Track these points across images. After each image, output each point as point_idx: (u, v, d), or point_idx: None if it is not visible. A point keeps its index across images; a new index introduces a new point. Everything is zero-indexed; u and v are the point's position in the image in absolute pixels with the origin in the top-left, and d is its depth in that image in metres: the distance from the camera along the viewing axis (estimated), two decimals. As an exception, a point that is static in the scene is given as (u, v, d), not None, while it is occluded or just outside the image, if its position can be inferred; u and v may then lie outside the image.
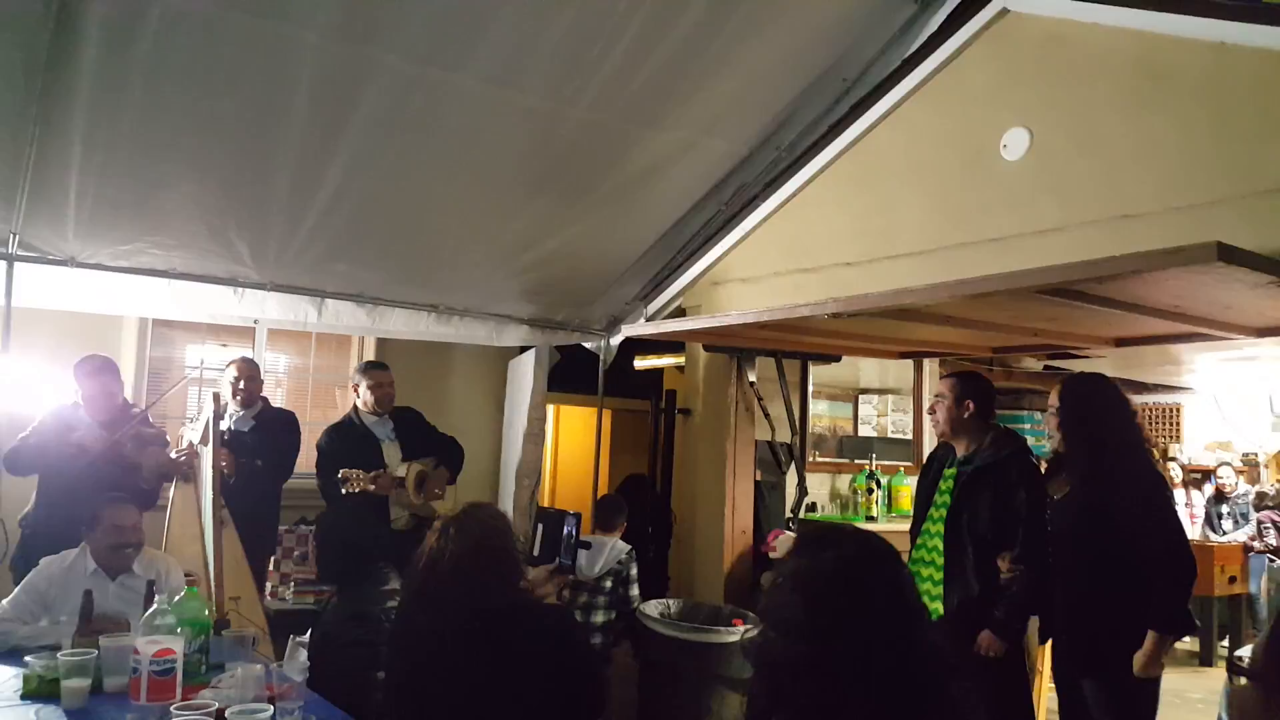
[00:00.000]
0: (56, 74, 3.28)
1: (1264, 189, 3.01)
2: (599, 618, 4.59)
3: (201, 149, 3.81)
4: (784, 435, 5.81)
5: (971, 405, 3.61)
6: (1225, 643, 6.95)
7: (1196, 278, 2.85)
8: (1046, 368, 6.93)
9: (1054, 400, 3.32)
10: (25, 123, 3.45)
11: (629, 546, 4.71)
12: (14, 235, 4.02)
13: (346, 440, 4.61)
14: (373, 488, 4.32)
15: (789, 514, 5.75)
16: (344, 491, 4.25)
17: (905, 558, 4.10)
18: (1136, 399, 3.58)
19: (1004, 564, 3.34)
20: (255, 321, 5.11)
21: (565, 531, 3.05)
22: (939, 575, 3.65)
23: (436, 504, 4.59)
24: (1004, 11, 3.75)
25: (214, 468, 3.98)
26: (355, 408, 4.75)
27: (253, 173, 3.98)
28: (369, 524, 4.19)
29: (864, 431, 6.47)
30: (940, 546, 3.65)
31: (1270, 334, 3.85)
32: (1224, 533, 7.84)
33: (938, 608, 3.47)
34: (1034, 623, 3.60)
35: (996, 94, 3.83)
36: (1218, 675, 5.03)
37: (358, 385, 4.73)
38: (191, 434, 4.30)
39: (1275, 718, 1.23)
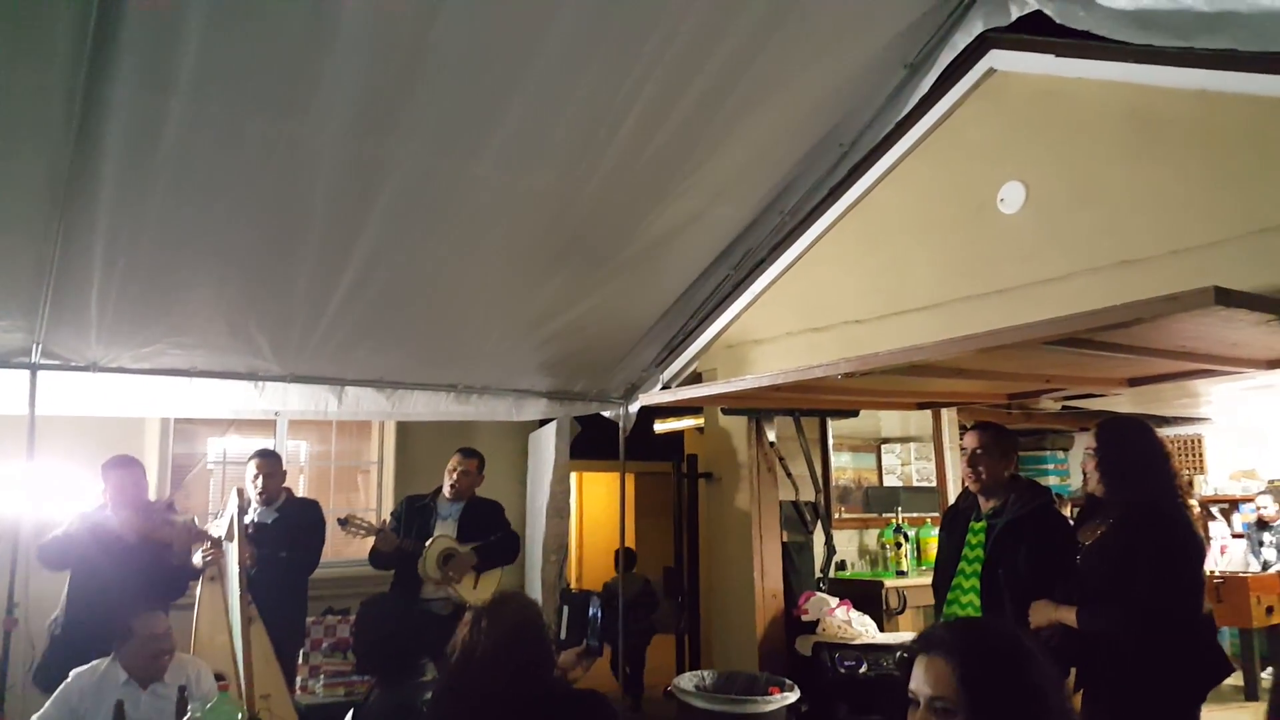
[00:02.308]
0: (78, 185, 3.37)
1: (1260, 228, 3.06)
2: None
3: (222, 249, 3.91)
4: (808, 493, 5.79)
5: (1011, 463, 3.63)
6: (1267, 674, 6.82)
7: (1199, 319, 2.87)
8: (1065, 408, 6.90)
9: (1091, 443, 3.29)
10: (49, 234, 3.54)
11: None
12: (37, 345, 4.12)
13: (409, 508, 4.84)
14: (372, 537, 4.50)
15: (819, 574, 5.71)
16: (344, 530, 4.45)
17: (934, 611, 4.08)
18: (1158, 432, 3.59)
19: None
20: (276, 413, 5.18)
21: (590, 613, 3.05)
22: None
23: (460, 588, 4.59)
24: (991, 71, 3.84)
25: (240, 564, 4.01)
26: (438, 487, 4.89)
27: (273, 269, 4.08)
28: (408, 611, 4.22)
29: (889, 481, 6.44)
30: (976, 601, 3.62)
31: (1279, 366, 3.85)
32: (1264, 561, 7.74)
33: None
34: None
35: (993, 149, 3.91)
36: (1263, 709, 4.94)
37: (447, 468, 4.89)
38: (216, 530, 4.33)
39: None
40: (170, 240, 3.77)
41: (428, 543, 4.56)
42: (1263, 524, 7.89)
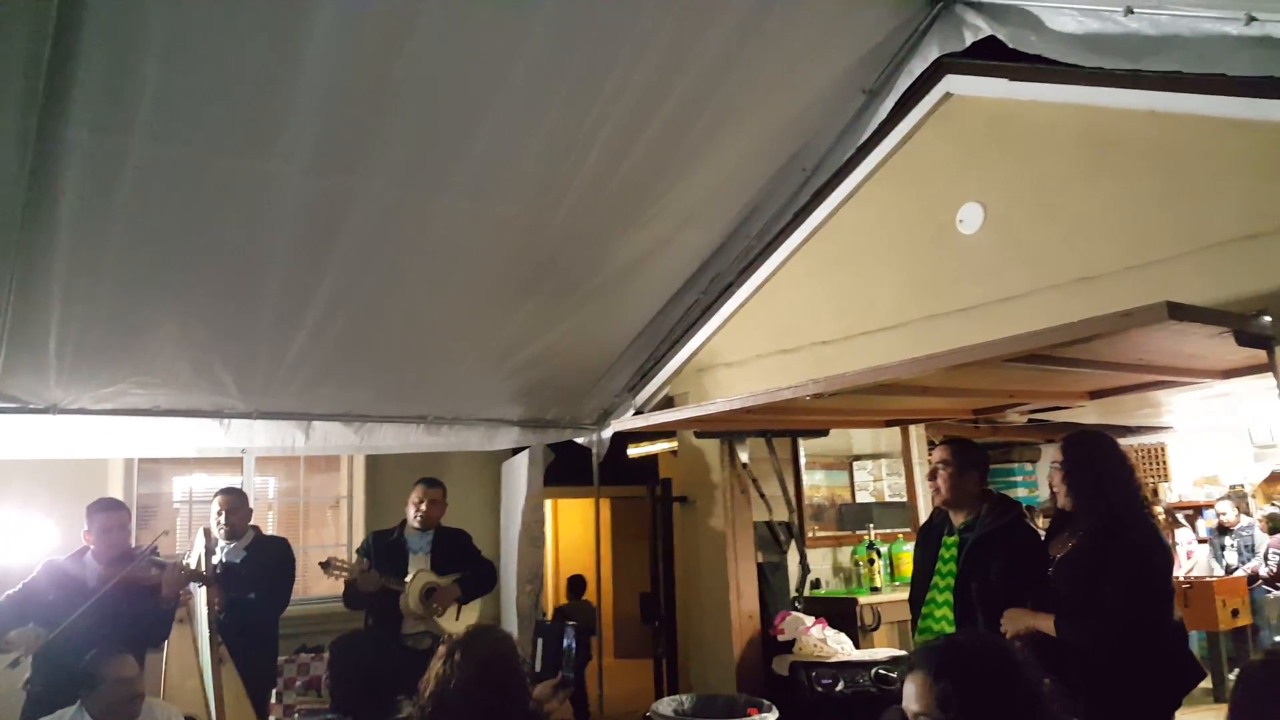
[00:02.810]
0: (34, 228, 3.33)
1: (1213, 242, 3.13)
2: None
3: (183, 288, 3.87)
4: (781, 513, 5.80)
5: (976, 476, 3.66)
6: (1235, 675, 6.92)
7: (1155, 334, 2.94)
8: (1031, 421, 6.99)
9: (1057, 458, 3.31)
10: (2, 278, 3.48)
11: None
12: (-7, 388, 4.04)
13: (379, 544, 4.70)
14: (356, 579, 4.37)
15: (794, 593, 5.72)
16: (327, 574, 4.31)
17: (908, 626, 4.11)
18: (1122, 441, 3.67)
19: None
20: (243, 451, 5.12)
21: (565, 644, 3.03)
22: None
23: (442, 620, 4.54)
24: (947, 95, 3.92)
25: (209, 604, 3.95)
26: (404, 520, 4.81)
27: (236, 306, 4.05)
28: (387, 649, 4.17)
29: (861, 497, 6.47)
30: (950, 616, 3.65)
31: (1236, 374, 3.94)
32: (1227, 564, 7.87)
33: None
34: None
35: (954, 170, 3.98)
36: (1210, 712, 5.03)
37: (410, 499, 4.80)
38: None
39: None
40: (131, 281, 3.73)
41: (408, 578, 4.50)
42: (1223, 529, 8.04)
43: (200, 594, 4.04)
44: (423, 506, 4.71)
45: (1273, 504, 8.44)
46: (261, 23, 2.95)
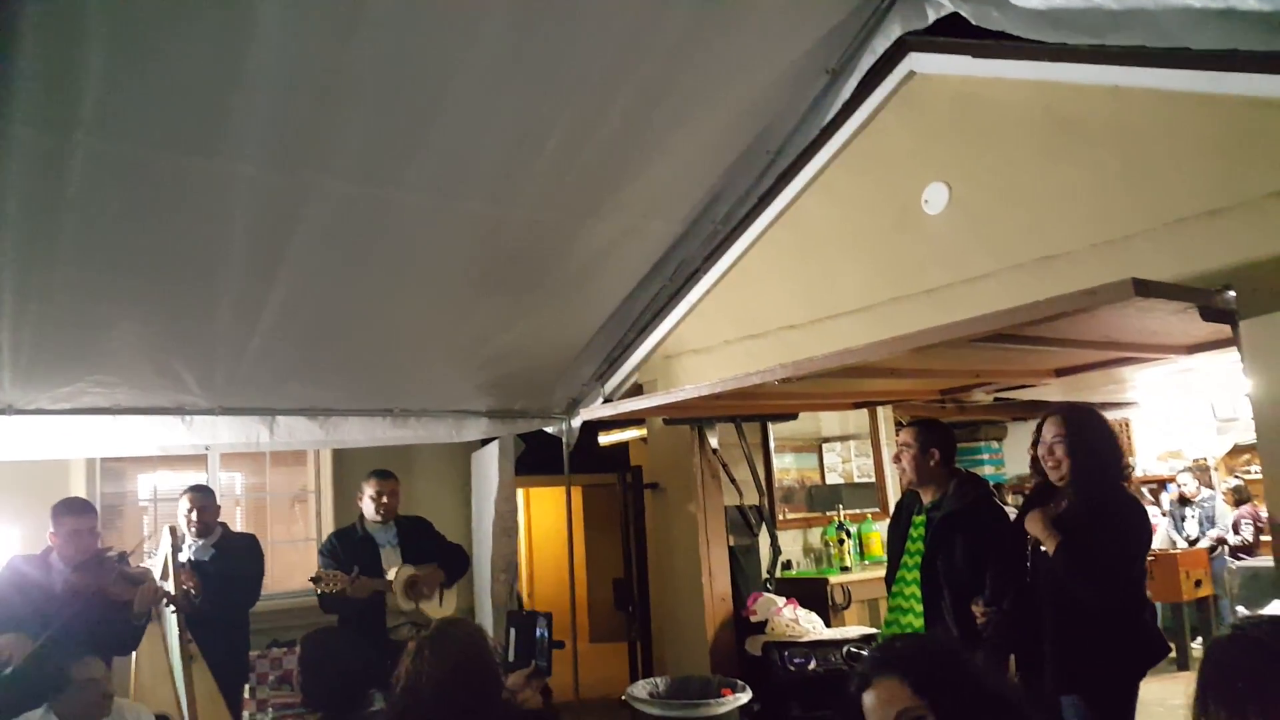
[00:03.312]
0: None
1: (1174, 219, 3.15)
2: None
3: (139, 287, 3.79)
4: (751, 497, 5.83)
5: (937, 454, 3.68)
6: (1198, 644, 7.09)
7: (1120, 311, 2.97)
8: (997, 399, 7.07)
9: (1058, 430, 3.23)
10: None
11: None
12: (-54, 393, 3.96)
13: (346, 545, 4.57)
14: (348, 590, 4.25)
15: (766, 575, 5.76)
16: (319, 592, 4.18)
17: (879, 604, 4.15)
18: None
19: (977, 609, 3.37)
20: (207, 447, 5.05)
21: (537, 633, 3.03)
22: (919, 623, 3.68)
23: (427, 606, 4.51)
24: (911, 74, 3.91)
25: (176, 604, 3.90)
26: (361, 515, 4.72)
27: (195, 303, 3.98)
28: (359, 643, 4.12)
29: (831, 479, 6.51)
30: (918, 594, 3.69)
31: (1200, 350, 3.99)
32: (1187, 535, 8.04)
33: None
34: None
35: (916, 153, 3.98)
36: (1176, 680, 5.12)
37: (361, 494, 4.71)
38: (153, 569, 4.20)
39: None
40: (84, 280, 3.65)
41: (390, 575, 4.46)
42: (1185, 500, 8.20)
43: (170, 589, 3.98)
44: (383, 499, 4.63)
45: (1236, 476, 8.62)
46: (205, 13, 2.87)
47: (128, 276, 3.73)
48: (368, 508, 4.64)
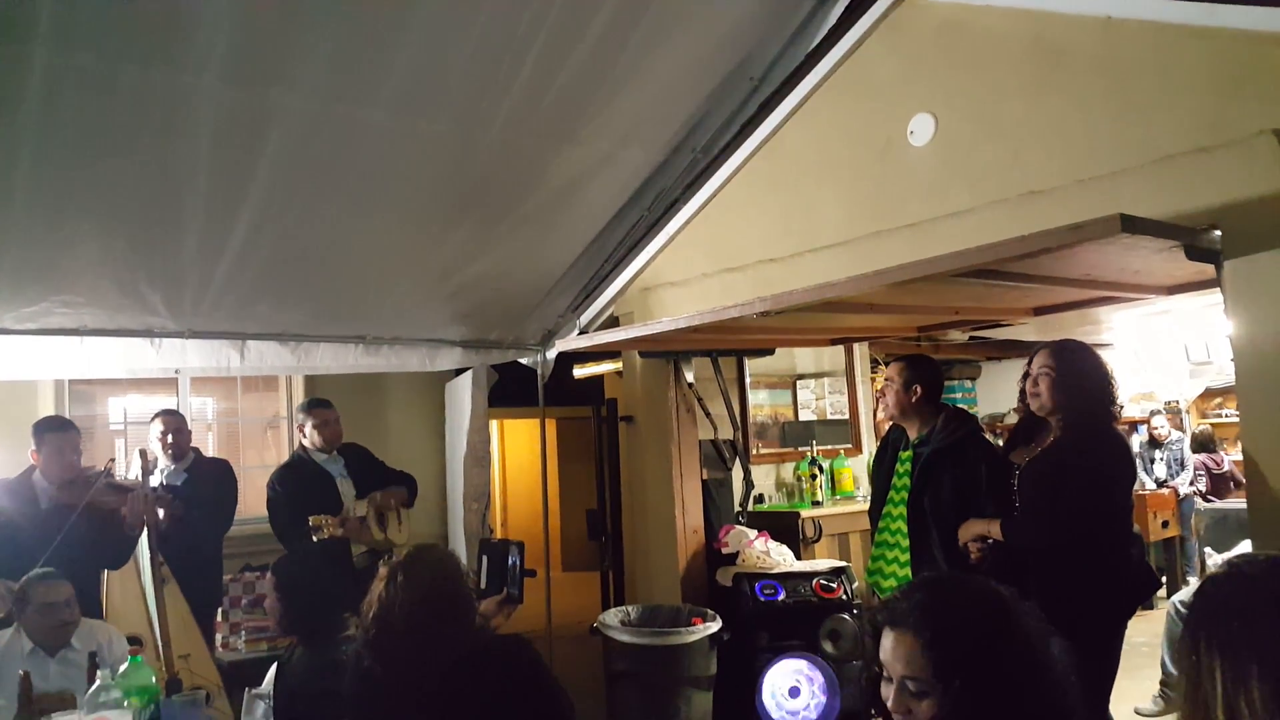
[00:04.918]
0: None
1: (1161, 156, 3.10)
2: None
3: (103, 206, 3.67)
4: (726, 431, 5.84)
5: (919, 389, 3.68)
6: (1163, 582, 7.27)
7: (1104, 248, 2.94)
8: (972, 338, 7.11)
9: (1045, 361, 3.25)
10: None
11: None
12: (-93, 311, 3.86)
13: (301, 480, 4.55)
14: (341, 532, 4.26)
15: (738, 508, 5.80)
16: (315, 540, 4.16)
17: (868, 538, 4.18)
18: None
19: (974, 545, 3.38)
20: (176, 371, 4.98)
21: (510, 562, 3.03)
22: (904, 557, 3.72)
23: (394, 536, 4.52)
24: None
25: (149, 526, 3.87)
26: (303, 446, 4.68)
27: (159, 224, 3.85)
28: (333, 568, 4.12)
29: (804, 416, 6.55)
30: (904, 529, 3.72)
31: (1180, 290, 3.99)
32: (1156, 478, 8.18)
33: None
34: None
35: (900, 83, 3.89)
36: (1159, 618, 5.24)
37: (303, 424, 4.67)
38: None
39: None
40: (47, 198, 3.53)
41: (360, 511, 4.46)
42: (1155, 442, 8.33)
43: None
44: (324, 430, 4.62)
45: (1205, 421, 8.76)
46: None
47: (91, 195, 3.61)
48: (312, 438, 4.63)
